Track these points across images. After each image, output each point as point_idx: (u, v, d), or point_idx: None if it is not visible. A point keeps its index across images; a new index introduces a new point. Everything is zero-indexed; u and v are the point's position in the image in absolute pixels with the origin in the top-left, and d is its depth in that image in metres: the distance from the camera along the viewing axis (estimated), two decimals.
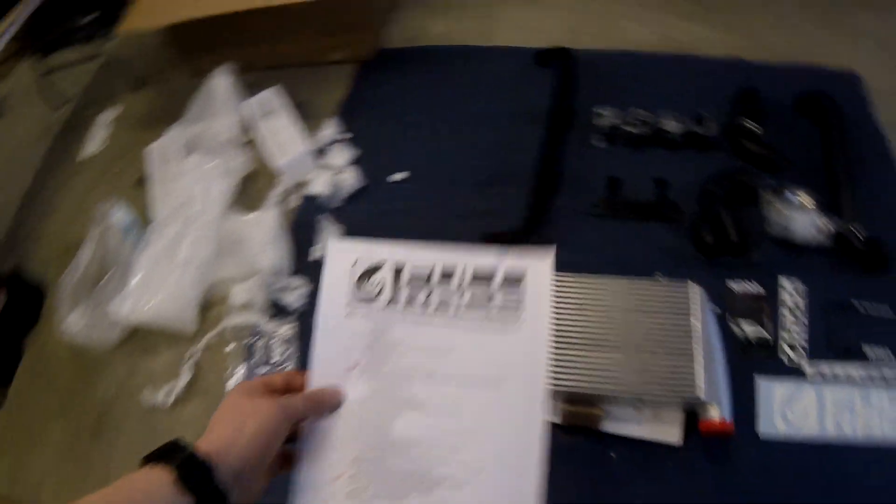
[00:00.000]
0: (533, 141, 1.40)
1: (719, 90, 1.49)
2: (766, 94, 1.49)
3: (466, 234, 1.26)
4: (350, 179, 1.38)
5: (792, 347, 1.20)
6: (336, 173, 1.40)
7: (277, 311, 1.26)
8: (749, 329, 1.20)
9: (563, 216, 1.33)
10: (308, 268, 1.31)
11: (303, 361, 1.19)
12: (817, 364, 1.18)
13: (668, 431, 1.08)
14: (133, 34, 1.71)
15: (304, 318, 1.25)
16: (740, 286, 1.23)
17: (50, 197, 1.60)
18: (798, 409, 1.14)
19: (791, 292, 1.24)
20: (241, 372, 1.21)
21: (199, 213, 1.29)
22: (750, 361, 1.17)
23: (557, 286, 1.13)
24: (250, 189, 1.45)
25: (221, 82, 1.51)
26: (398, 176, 1.41)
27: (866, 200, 1.32)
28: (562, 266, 1.10)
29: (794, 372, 1.16)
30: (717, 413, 1.04)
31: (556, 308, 1.11)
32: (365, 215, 1.37)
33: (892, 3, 1.74)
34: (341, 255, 0.82)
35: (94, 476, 1.17)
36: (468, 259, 0.81)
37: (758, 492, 1.04)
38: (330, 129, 1.48)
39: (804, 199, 1.28)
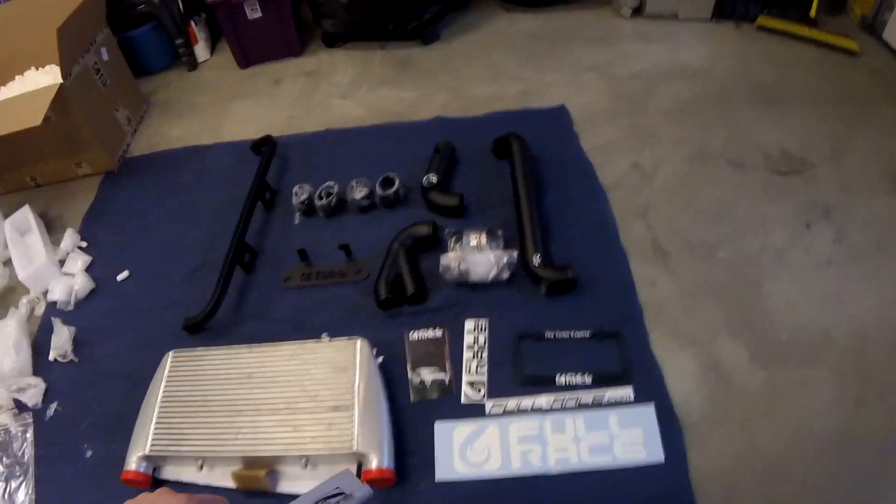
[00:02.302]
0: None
1: (422, 149, 1.66)
2: (469, 144, 1.66)
3: (173, 324, 1.45)
4: (81, 284, 1.59)
5: (472, 385, 1.19)
6: (72, 279, 1.62)
7: (19, 408, 1.44)
8: (427, 375, 1.24)
9: (262, 290, 1.50)
10: (46, 368, 1.49)
11: (38, 453, 1.35)
12: (500, 399, 1.15)
13: None
14: None
15: (39, 414, 1.41)
16: (419, 334, 1.31)
17: None
18: (479, 447, 1.10)
19: (472, 331, 1.26)
20: None
21: None
22: (429, 406, 1.18)
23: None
24: (7, 302, 1.65)
25: None
26: (122, 276, 1.62)
27: (572, 224, 1.42)
28: (254, 337, 1.29)
29: (476, 411, 1.15)
30: (377, 462, 1.09)
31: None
32: (93, 316, 1.55)
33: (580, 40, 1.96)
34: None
35: None
36: None
37: None
38: (69, 240, 1.69)
39: (479, 240, 1.39)
